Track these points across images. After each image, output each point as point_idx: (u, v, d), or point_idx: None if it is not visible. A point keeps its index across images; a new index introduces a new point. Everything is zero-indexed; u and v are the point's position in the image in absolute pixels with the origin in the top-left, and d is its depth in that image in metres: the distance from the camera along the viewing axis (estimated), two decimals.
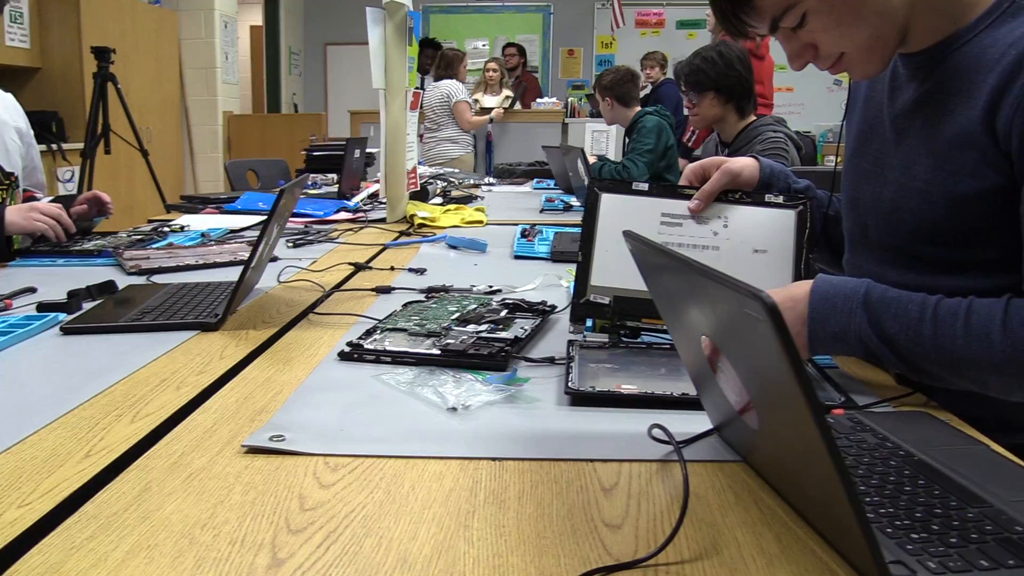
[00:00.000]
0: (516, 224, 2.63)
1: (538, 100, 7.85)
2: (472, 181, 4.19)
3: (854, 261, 1.27)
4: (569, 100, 8.17)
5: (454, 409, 1.00)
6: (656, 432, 0.89)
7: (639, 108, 4.43)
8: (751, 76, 3.14)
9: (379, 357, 1.19)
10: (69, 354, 1.25)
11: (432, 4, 10.28)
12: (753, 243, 1.27)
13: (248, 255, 1.98)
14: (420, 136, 6.58)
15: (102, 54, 5.19)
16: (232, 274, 1.80)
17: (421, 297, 1.56)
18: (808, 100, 9.32)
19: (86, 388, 1.07)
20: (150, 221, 2.77)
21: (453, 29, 10.21)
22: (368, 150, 4.13)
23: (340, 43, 10.34)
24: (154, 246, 2.18)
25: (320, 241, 2.33)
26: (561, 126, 7.52)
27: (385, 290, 1.66)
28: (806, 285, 1.08)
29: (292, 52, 10.03)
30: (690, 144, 5.35)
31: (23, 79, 5.50)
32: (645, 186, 1.31)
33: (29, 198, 2.39)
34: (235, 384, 1.10)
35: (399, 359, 1.18)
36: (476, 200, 3.41)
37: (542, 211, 3.13)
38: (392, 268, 1.91)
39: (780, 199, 1.28)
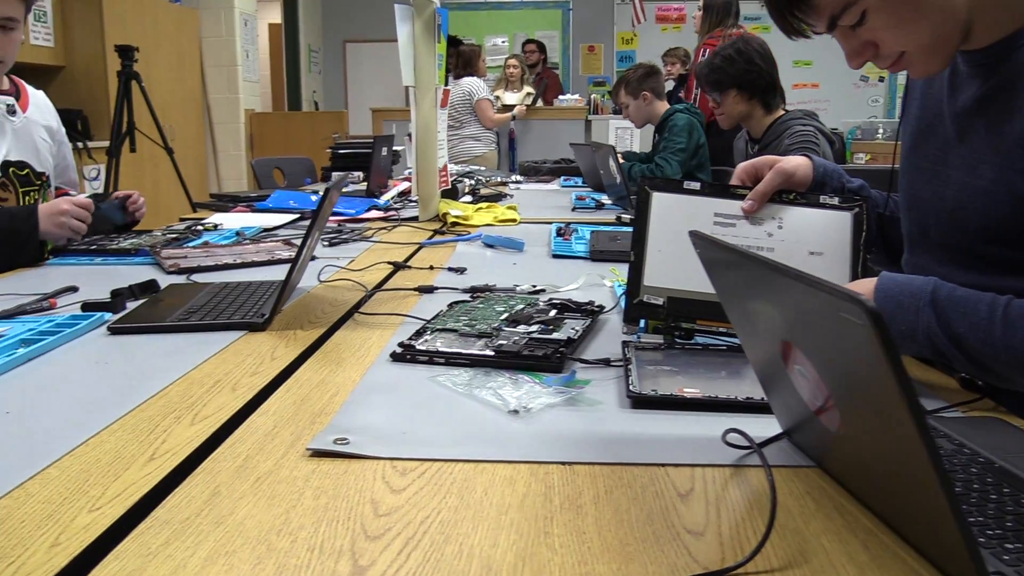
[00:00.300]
0: (549, 223, 2.62)
1: (560, 97, 7.83)
2: (499, 179, 4.17)
3: (914, 261, 1.25)
4: (592, 96, 8.14)
5: (516, 412, 0.98)
6: (731, 437, 0.87)
7: (667, 104, 4.41)
8: (774, 70, 3.11)
9: (432, 358, 1.18)
10: (119, 354, 1.24)
11: (451, 1, 10.28)
12: (808, 245, 1.25)
13: (292, 254, 1.99)
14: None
15: (126, 52, 5.20)
16: (270, 273, 1.80)
17: (465, 297, 1.55)
18: (834, 96, 9.27)
19: (141, 389, 1.07)
20: (182, 219, 2.77)
21: (471, 26, 10.19)
22: (393, 148, 4.13)
23: (359, 40, 10.34)
24: (190, 244, 2.17)
25: (355, 240, 2.32)
26: (584, 123, 7.49)
27: (428, 289, 1.64)
28: (870, 283, 1.06)
29: (311, 50, 10.04)
30: None
31: (48, 77, 5.52)
32: (697, 185, 1.29)
33: (62, 195, 2.39)
34: (290, 385, 1.09)
35: (452, 360, 1.17)
36: (505, 198, 3.39)
37: (574, 209, 3.11)
38: (431, 267, 1.90)
39: (835, 200, 1.26)
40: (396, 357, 1.19)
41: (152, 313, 1.44)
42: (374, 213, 2.85)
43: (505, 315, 1.35)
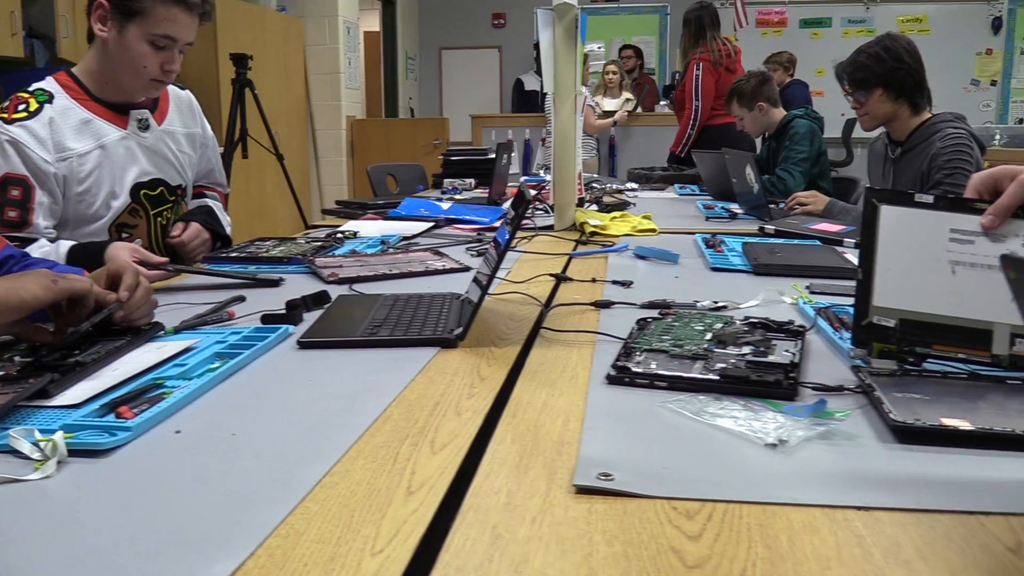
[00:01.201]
0: (688, 233, 2.54)
1: (661, 102, 7.71)
2: (616, 187, 4.09)
3: None
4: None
5: (773, 445, 0.91)
6: None
7: (783, 111, 4.28)
8: (922, 69, 2.96)
9: (652, 381, 1.11)
10: (318, 371, 1.20)
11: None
12: None
13: (444, 265, 1.96)
14: (542, 140, 6.53)
15: (240, 60, 5.28)
16: (430, 284, 1.77)
17: (651, 313, 1.47)
18: (941, 101, 8.77)
19: (360, 411, 1.02)
20: (314, 226, 2.76)
21: None
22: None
23: (454, 47, 10.38)
24: (338, 253, 2.15)
25: None
26: None
27: (604, 304, 1.58)
28: None
29: (408, 57, 10.11)
30: (681, 155, 5.18)
31: None
32: (930, 198, 1.19)
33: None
34: (513, 410, 1.03)
35: (674, 384, 1.10)
36: (630, 206, 3.31)
37: (708, 219, 3.02)
38: (594, 280, 1.83)
39: None
40: (612, 380, 1.13)
41: (337, 327, 1.40)
42: None
43: (709, 335, 1.28)
